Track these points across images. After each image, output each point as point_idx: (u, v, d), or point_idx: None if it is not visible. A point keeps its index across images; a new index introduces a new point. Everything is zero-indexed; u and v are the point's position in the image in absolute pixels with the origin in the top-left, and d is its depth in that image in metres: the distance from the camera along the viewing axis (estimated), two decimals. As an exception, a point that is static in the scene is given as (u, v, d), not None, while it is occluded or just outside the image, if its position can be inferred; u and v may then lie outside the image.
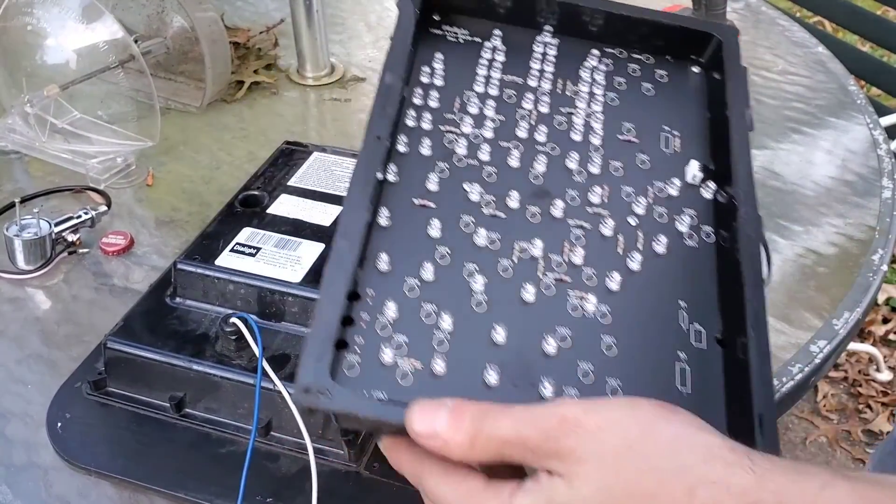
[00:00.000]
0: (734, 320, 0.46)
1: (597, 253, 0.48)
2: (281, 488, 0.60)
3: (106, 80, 0.98)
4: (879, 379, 1.80)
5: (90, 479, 0.63)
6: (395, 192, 0.49)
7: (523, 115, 0.53)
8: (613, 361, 0.45)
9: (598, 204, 0.50)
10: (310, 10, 1.09)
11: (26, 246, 0.79)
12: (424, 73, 0.54)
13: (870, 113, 1.08)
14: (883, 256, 0.85)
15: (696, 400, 0.44)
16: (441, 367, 0.43)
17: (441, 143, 0.51)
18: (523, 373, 0.44)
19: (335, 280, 0.44)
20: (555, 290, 0.47)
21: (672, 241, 0.49)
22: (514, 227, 0.48)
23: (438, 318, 0.45)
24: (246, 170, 0.92)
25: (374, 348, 0.43)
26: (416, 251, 0.47)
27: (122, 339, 0.65)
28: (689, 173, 0.52)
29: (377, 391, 0.41)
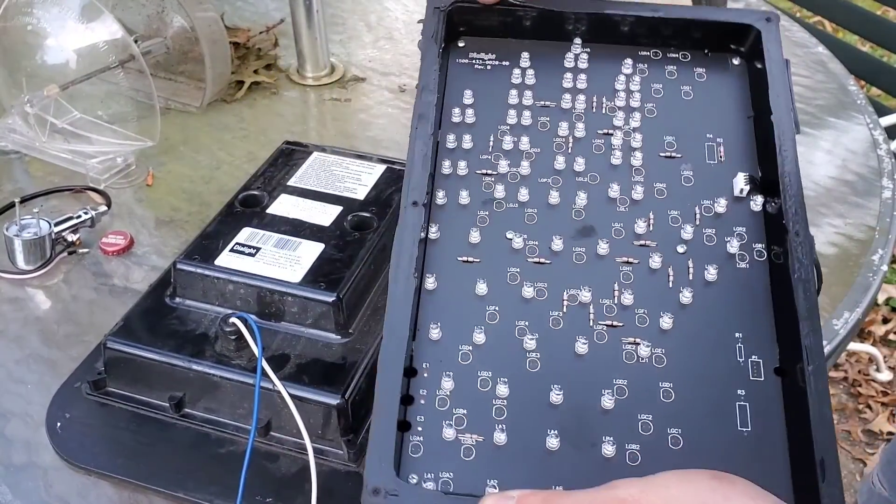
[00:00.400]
0: (791, 346, 0.44)
1: (647, 290, 0.47)
2: (280, 488, 0.60)
3: (106, 80, 0.98)
4: (879, 379, 1.80)
5: (90, 479, 0.63)
6: (438, 250, 0.48)
7: (559, 145, 0.52)
8: (672, 409, 0.44)
9: (643, 234, 0.49)
10: (310, 10, 1.09)
11: (26, 246, 0.79)
12: (455, 115, 0.53)
13: (870, 113, 1.08)
14: (883, 256, 0.85)
15: (757, 438, 0.43)
16: (502, 437, 0.43)
17: (479, 190, 0.50)
18: (583, 433, 0.43)
19: (392, 363, 0.43)
20: (607, 337, 0.46)
21: (723, 266, 0.48)
22: (560, 273, 0.48)
23: (495, 386, 0.44)
24: (246, 170, 0.92)
25: (435, 426, 0.43)
26: (466, 314, 0.46)
27: (122, 339, 0.65)
28: (736, 187, 0.50)
29: (444, 472, 0.42)
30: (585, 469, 0.43)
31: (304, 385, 0.61)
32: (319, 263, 0.67)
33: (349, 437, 0.61)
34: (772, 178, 0.49)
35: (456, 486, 0.42)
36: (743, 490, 0.35)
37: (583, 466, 0.42)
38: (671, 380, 0.45)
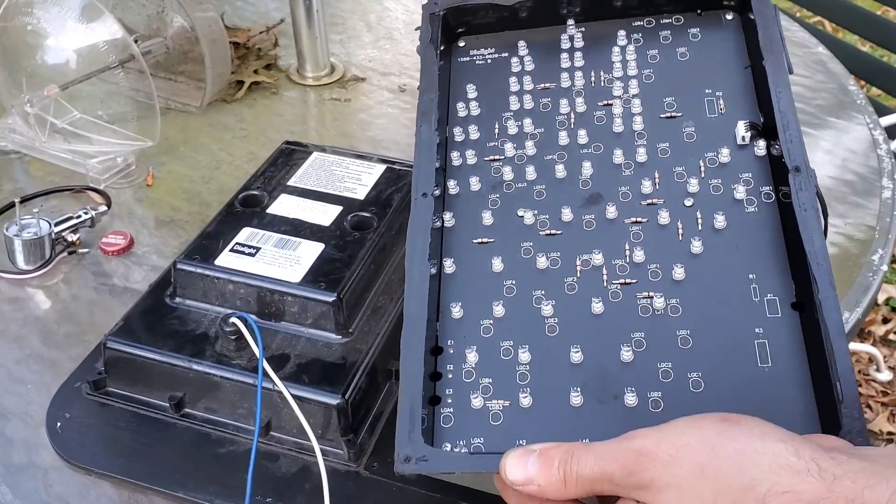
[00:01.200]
0: (807, 281, 0.45)
1: (657, 246, 0.49)
2: (281, 488, 0.60)
3: (106, 80, 0.98)
4: (879, 379, 1.80)
5: (90, 479, 0.63)
6: (455, 236, 0.50)
7: (562, 122, 0.53)
8: (691, 354, 0.46)
9: (650, 194, 0.50)
10: (310, 10, 1.09)
11: (26, 246, 0.79)
12: (461, 109, 0.54)
13: (870, 113, 1.08)
14: (883, 256, 0.85)
15: (779, 373, 0.44)
16: (528, 400, 0.45)
17: (489, 175, 0.52)
18: (606, 387, 0.45)
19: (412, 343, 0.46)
20: (622, 295, 0.48)
21: (731, 212, 0.49)
22: (572, 241, 0.49)
23: (517, 353, 0.47)
24: (246, 170, 0.93)
25: (464, 397, 0.46)
26: (485, 291, 0.48)
27: (122, 339, 0.65)
28: (738, 135, 0.51)
29: (475, 438, 0.45)
30: (610, 420, 0.44)
31: (304, 385, 0.61)
32: (319, 263, 0.67)
33: (349, 437, 0.61)
34: (772, 122, 0.50)
35: (487, 449, 0.45)
36: (749, 428, 0.36)
37: (607, 418, 0.44)
38: (688, 327, 0.46)
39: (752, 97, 0.53)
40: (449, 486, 0.60)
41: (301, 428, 0.61)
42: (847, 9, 1.70)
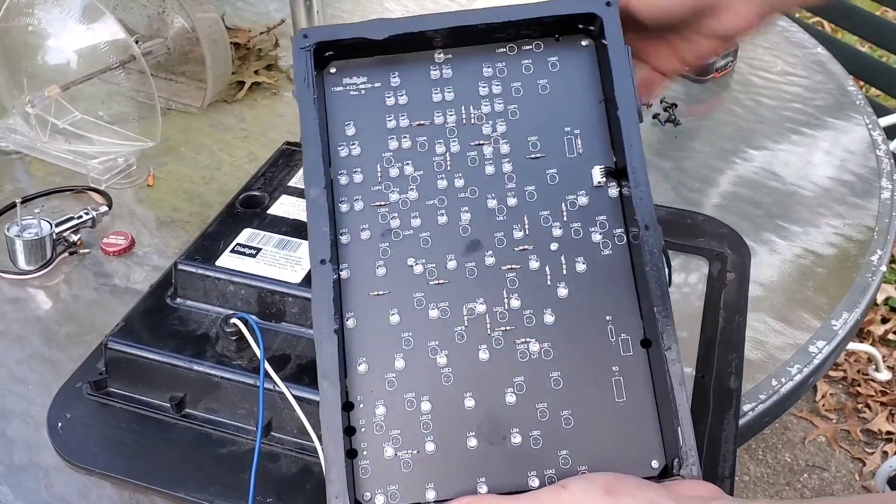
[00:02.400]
0: (651, 319, 0.52)
1: (530, 291, 0.53)
2: (282, 488, 0.60)
3: (107, 81, 0.99)
4: (878, 379, 1.81)
5: (91, 479, 0.63)
6: (352, 288, 0.53)
7: (439, 163, 0.56)
8: (562, 394, 0.51)
9: (521, 239, 0.54)
10: (310, 11, 1.09)
11: (27, 246, 0.80)
12: (342, 150, 0.56)
13: (868, 113, 1.08)
14: (882, 257, 0.85)
15: (630, 406, 0.51)
16: (431, 446, 0.51)
17: (377, 222, 0.55)
18: (495, 429, 0.51)
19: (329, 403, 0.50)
20: (503, 341, 0.52)
21: (589, 256, 0.54)
22: (458, 290, 0.53)
23: (419, 403, 0.51)
24: (246, 170, 0.93)
25: (377, 448, 0.50)
26: (385, 344, 0.52)
27: (123, 340, 0.65)
28: (594, 179, 0.55)
29: (391, 486, 0.50)
30: (500, 460, 0.50)
31: (304, 385, 0.61)
32: (320, 264, 0.67)
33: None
34: (624, 163, 0.54)
35: (402, 496, 0.50)
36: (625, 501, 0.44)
37: (498, 458, 0.50)
38: (559, 369, 0.52)
39: (607, 135, 0.56)
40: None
41: (302, 428, 0.61)
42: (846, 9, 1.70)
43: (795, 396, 0.73)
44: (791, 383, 0.72)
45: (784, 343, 0.75)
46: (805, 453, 1.68)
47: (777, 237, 0.87)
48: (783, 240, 0.87)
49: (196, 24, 1.01)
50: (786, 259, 0.85)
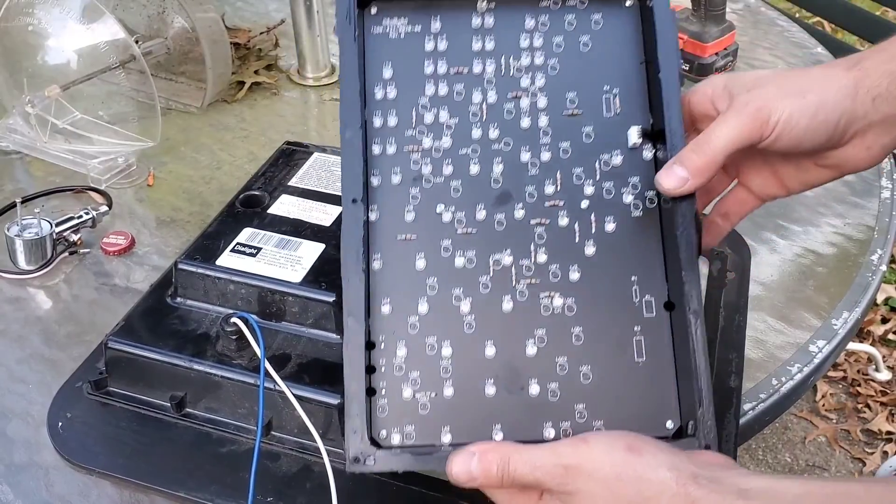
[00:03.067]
0: (677, 283, 0.52)
1: (557, 247, 0.54)
2: (282, 487, 0.60)
3: (107, 81, 0.99)
4: (878, 378, 1.81)
5: (91, 479, 0.63)
6: (380, 231, 0.54)
7: (475, 113, 0.56)
8: (582, 350, 0.52)
9: (552, 195, 0.54)
10: (310, 11, 1.09)
11: (27, 246, 0.80)
12: (378, 92, 0.56)
13: (869, 113, 1.08)
14: (882, 256, 0.85)
15: (649, 367, 0.52)
16: (450, 391, 0.51)
17: (408, 168, 0.55)
18: (513, 378, 0.52)
19: (354, 346, 0.51)
20: (527, 294, 0.53)
21: (619, 216, 0.54)
22: (485, 241, 0.54)
23: (440, 348, 0.52)
24: (246, 170, 0.93)
25: (395, 389, 0.51)
26: (410, 288, 0.53)
27: (123, 339, 0.65)
28: (630, 139, 0.55)
29: (407, 426, 0.51)
30: (517, 409, 0.51)
31: (304, 385, 0.61)
32: (320, 263, 0.67)
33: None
34: (662, 126, 0.54)
35: (417, 437, 0.51)
36: (647, 461, 0.46)
37: (515, 407, 0.51)
38: (581, 324, 0.53)
39: (645, 97, 0.56)
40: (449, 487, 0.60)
41: (302, 427, 0.61)
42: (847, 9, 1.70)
43: (796, 396, 0.73)
44: (791, 383, 0.72)
45: (784, 342, 0.75)
46: (805, 453, 1.68)
47: (777, 236, 0.87)
48: (783, 239, 0.87)
49: (196, 24, 1.01)
50: (786, 258, 0.85)
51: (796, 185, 0.58)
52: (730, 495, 0.45)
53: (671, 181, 0.52)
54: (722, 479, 0.46)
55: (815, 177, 0.58)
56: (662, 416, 0.52)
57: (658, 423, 0.51)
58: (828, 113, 0.52)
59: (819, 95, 0.52)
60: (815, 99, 0.52)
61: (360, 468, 0.50)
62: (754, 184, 0.59)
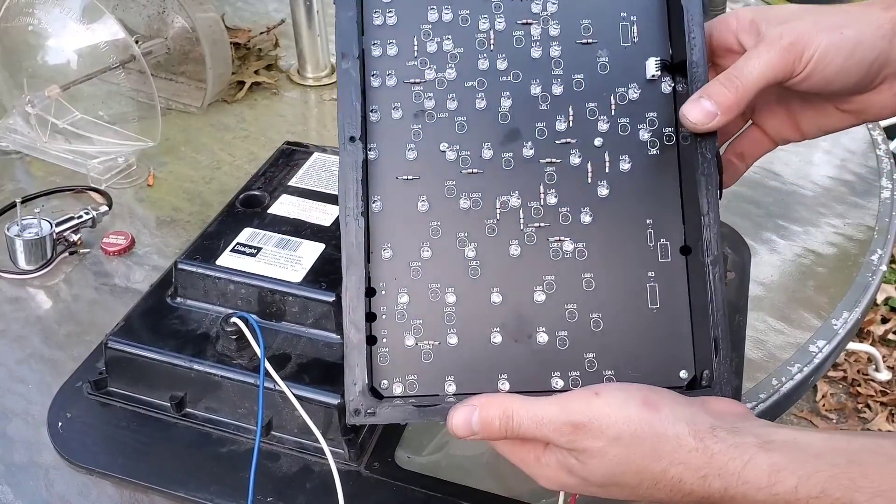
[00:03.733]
0: (695, 225, 0.49)
1: (568, 188, 0.51)
2: (282, 487, 0.60)
3: (107, 81, 0.98)
4: (878, 378, 1.81)
5: (91, 479, 0.63)
6: (379, 170, 0.51)
7: (481, 41, 0.52)
8: (593, 296, 0.50)
9: (564, 132, 0.52)
10: (310, 11, 1.09)
11: (27, 246, 0.80)
12: (376, 17, 0.53)
13: (869, 113, 1.08)
14: (882, 256, 0.85)
15: (663, 314, 0.50)
16: (454, 339, 0.50)
17: (410, 101, 0.52)
18: (521, 326, 0.50)
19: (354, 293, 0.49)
20: (536, 238, 0.51)
21: (635, 154, 0.51)
22: (492, 181, 0.51)
23: (444, 295, 0.50)
24: (246, 170, 0.93)
25: (397, 337, 0.49)
26: (412, 232, 0.50)
27: (123, 339, 0.65)
28: (647, 71, 0.52)
29: (409, 376, 0.49)
30: (524, 358, 0.50)
31: (304, 385, 0.61)
32: (320, 263, 0.67)
33: (350, 436, 0.61)
34: (682, 57, 0.51)
35: (420, 387, 0.49)
36: (664, 416, 0.44)
37: (522, 356, 0.50)
38: (592, 270, 0.50)
39: (665, 27, 0.53)
40: (449, 486, 0.60)
41: (302, 427, 0.61)
42: (846, 9, 1.70)
43: (796, 396, 0.73)
44: (791, 383, 0.72)
45: (784, 342, 0.75)
46: (805, 453, 1.67)
47: (777, 237, 0.87)
48: (783, 239, 0.87)
49: (196, 24, 1.01)
50: (786, 258, 0.85)
51: (813, 129, 0.56)
52: (751, 448, 0.43)
53: (698, 114, 0.49)
54: (741, 430, 0.44)
55: (834, 122, 0.55)
56: (676, 366, 0.50)
57: (671, 373, 0.49)
58: (864, 52, 0.49)
59: (856, 32, 0.49)
60: (852, 35, 0.49)
61: (360, 420, 0.48)
62: (770, 126, 0.57)
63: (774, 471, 0.42)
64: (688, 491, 0.43)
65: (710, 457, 0.43)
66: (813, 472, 0.41)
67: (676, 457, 0.43)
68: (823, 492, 0.41)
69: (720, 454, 0.43)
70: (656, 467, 0.44)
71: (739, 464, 0.42)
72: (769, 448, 0.42)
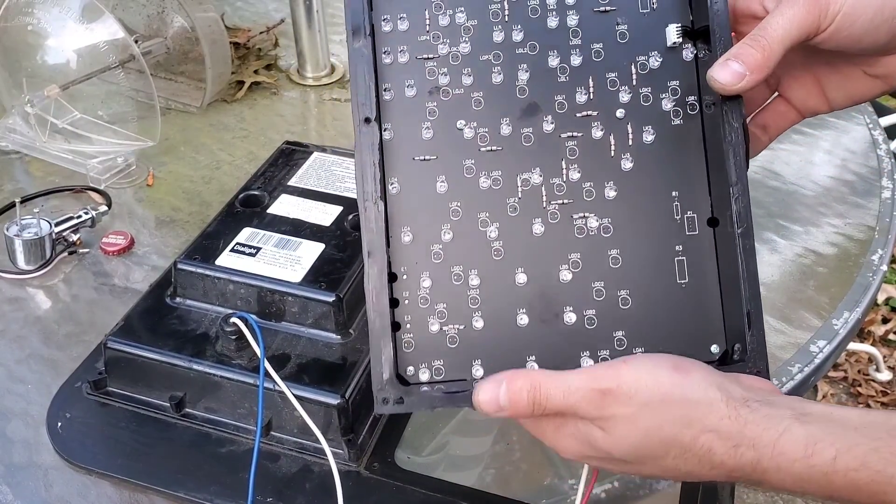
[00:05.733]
0: (722, 196, 0.48)
1: (591, 163, 0.50)
2: (282, 488, 0.60)
3: (106, 81, 0.98)
4: (879, 379, 1.81)
5: (90, 479, 0.63)
6: (395, 151, 0.50)
7: (496, 13, 0.51)
8: (620, 273, 0.49)
9: (584, 104, 0.50)
10: (310, 11, 1.09)
11: (27, 246, 0.80)
12: None
13: (869, 113, 1.08)
14: (882, 256, 0.85)
15: (692, 288, 0.49)
16: (480, 322, 0.49)
17: (423, 78, 0.50)
18: (547, 306, 0.49)
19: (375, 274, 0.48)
20: (560, 216, 0.49)
21: (658, 125, 0.50)
22: (512, 159, 0.50)
23: (467, 278, 0.49)
24: (246, 170, 0.93)
25: (421, 322, 0.48)
26: (431, 214, 0.49)
27: (123, 339, 0.65)
28: (668, 38, 0.51)
29: (435, 361, 0.48)
30: (552, 338, 0.49)
31: (304, 385, 0.61)
32: (320, 263, 0.67)
33: (349, 437, 0.61)
34: (704, 23, 0.50)
35: (447, 372, 0.48)
36: (695, 381, 0.43)
37: (550, 336, 0.49)
38: (618, 246, 0.49)
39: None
40: (449, 486, 0.60)
41: (301, 428, 0.61)
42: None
43: (796, 395, 0.73)
44: (792, 383, 0.72)
45: (785, 342, 0.75)
46: (806, 453, 1.67)
47: (778, 236, 0.87)
48: (784, 239, 0.87)
49: (196, 24, 1.01)
50: (787, 258, 0.85)
51: (841, 97, 0.54)
52: (785, 419, 0.41)
53: (726, 75, 0.47)
54: (775, 402, 0.43)
55: (862, 89, 0.53)
56: (707, 341, 0.49)
57: (702, 348, 0.48)
58: (894, 8, 0.47)
59: None
60: None
61: (389, 409, 0.47)
62: (796, 96, 0.55)
63: (811, 442, 0.41)
64: (717, 462, 0.42)
65: (742, 425, 0.42)
66: (852, 444, 0.40)
67: (707, 424, 0.42)
68: (864, 464, 0.40)
69: (754, 423, 0.42)
70: (686, 435, 0.42)
71: (774, 434, 0.41)
72: (805, 420, 0.41)
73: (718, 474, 0.43)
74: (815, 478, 0.41)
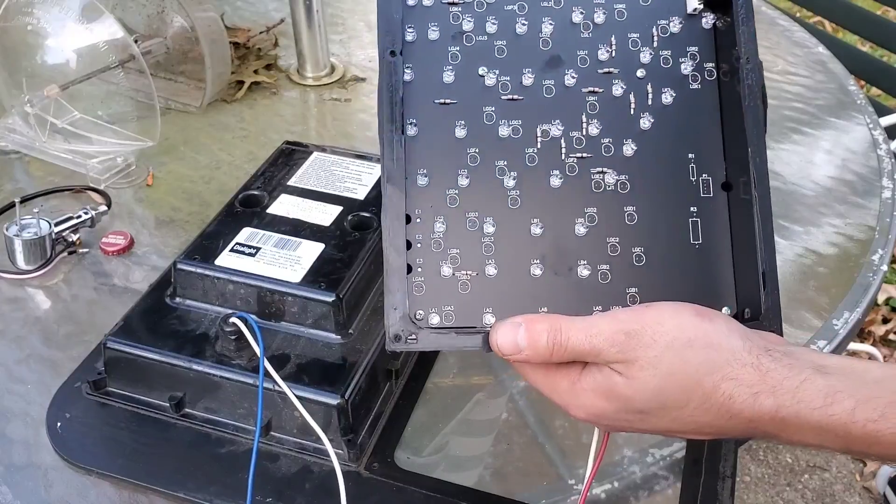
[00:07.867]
0: (737, 161, 0.49)
1: (611, 119, 0.50)
2: (281, 488, 0.60)
3: (106, 80, 0.98)
4: (879, 379, 1.80)
5: (90, 479, 0.63)
6: (414, 93, 0.50)
7: None
8: (635, 230, 0.49)
9: (606, 61, 0.51)
10: (310, 10, 1.09)
11: (26, 246, 0.79)
12: None
13: (870, 113, 1.08)
14: (883, 256, 0.85)
15: (706, 249, 0.49)
16: (493, 270, 0.49)
17: (447, 22, 0.51)
18: (561, 259, 0.49)
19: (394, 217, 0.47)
20: (578, 169, 0.50)
21: (677, 88, 0.51)
22: (532, 109, 0.50)
23: (482, 225, 0.49)
24: (246, 170, 0.93)
25: (434, 266, 0.48)
26: (449, 158, 0.49)
27: (122, 339, 0.65)
28: (689, 5, 0.52)
29: (446, 306, 0.48)
30: (565, 291, 0.49)
31: (304, 385, 0.61)
32: (319, 263, 0.67)
33: (349, 437, 0.61)
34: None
35: (457, 318, 0.48)
36: (718, 327, 0.44)
37: (563, 288, 0.49)
38: (634, 203, 0.50)
39: None
40: (449, 486, 0.60)
41: (301, 428, 0.61)
42: (847, 9, 1.70)
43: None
44: (792, 383, 0.72)
45: (785, 342, 0.75)
46: (806, 454, 1.67)
47: (778, 237, 0.87)
48: (784, 239, 0.87)
49: (195, 24, 1.01)
50: (787, 258, 0.85)
51: None
52: (806, 370, 0.42)
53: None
54: (796, 353, 0.43)
55: None
56: (719, 302, 0.49)
57: (714, 308, 0.48)
58: None
59: None
60: None
61: (401, 346, 0.47)
62: None
63: (831, 392, 0.41)
64: (736, 411, 0.42)
65: (764, 373, 0.42)
66: (872, 396, 0.41)
67: (729, 371, 0.42)
68: (883, 416, 0.41)
69: (774, 371, 0.42)
70: (707, 382, 0.42)
71: (795, 382, 0.42)
72: (825, 371, 0.42)
73: (736, 426, 0.43)
74: (834, 428, 0.41)
